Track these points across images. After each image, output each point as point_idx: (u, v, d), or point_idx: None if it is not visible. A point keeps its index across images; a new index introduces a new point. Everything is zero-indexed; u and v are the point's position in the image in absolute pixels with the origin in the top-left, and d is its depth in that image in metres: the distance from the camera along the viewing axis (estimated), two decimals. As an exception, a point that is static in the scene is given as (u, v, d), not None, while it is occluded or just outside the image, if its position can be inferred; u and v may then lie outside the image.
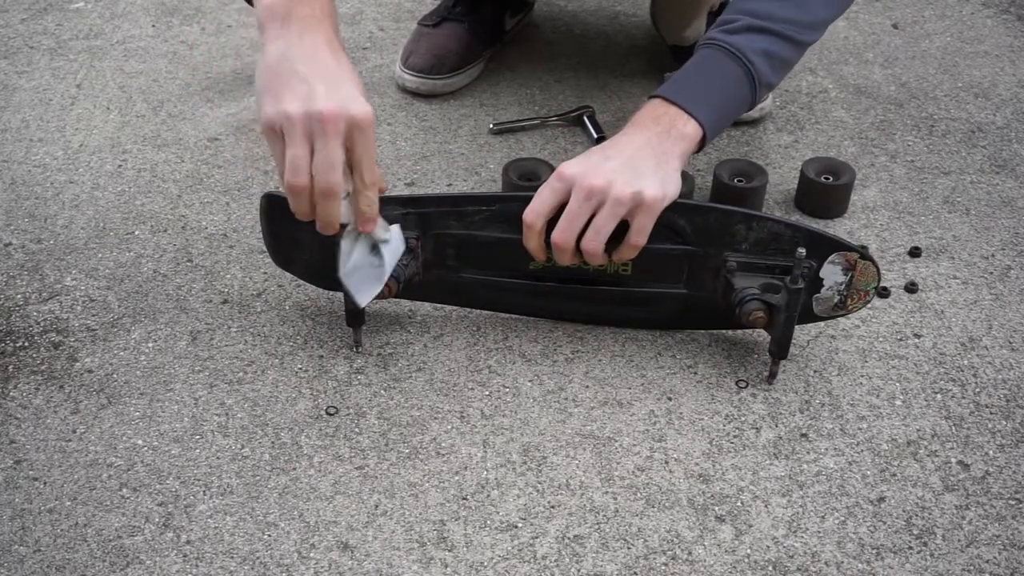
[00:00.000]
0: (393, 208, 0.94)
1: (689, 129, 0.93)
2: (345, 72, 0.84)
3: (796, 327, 0.93)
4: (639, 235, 0.90)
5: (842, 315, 0.96)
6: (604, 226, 0.89)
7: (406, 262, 0.94)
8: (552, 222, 0.91)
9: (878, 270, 0.93)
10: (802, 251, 0.87)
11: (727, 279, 0.94)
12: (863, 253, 0.92)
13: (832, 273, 0.93)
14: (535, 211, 0.91)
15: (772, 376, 0.96)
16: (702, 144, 0.95)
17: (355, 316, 0.96)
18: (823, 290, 0.94)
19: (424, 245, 0.96)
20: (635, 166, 0.90)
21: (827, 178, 1.16)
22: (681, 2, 1.35)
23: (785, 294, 0.90)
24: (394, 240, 0.89)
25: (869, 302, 0.95)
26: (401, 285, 0.94)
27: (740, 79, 0.96)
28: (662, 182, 0.90)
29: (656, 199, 0.89)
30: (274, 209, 0.96)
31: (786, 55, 0.99)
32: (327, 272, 0.98)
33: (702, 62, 0.98)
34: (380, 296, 0.93)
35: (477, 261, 0.98)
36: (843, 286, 0.94)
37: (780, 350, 0.93)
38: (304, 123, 0.80)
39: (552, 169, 1.10)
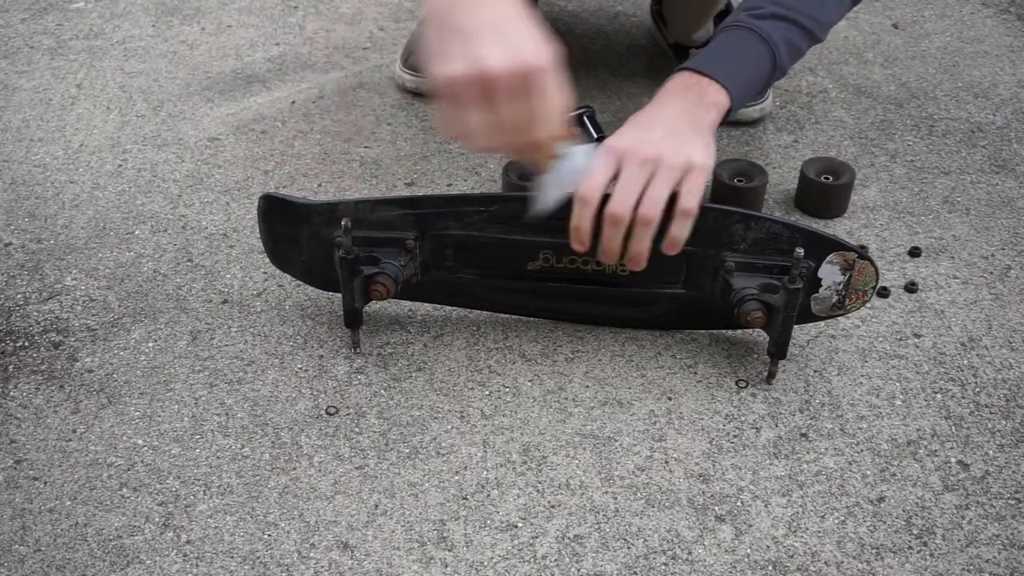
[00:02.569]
0: (391, 209, 0.94)
1: (720, 98, 0.95)
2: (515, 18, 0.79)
3: (795, 327, 0.93)
4: (691, 198, 0.89)
5: (840, 315, 0.96)
6: (660, 192, 0.88)
7: (404, 263, 0.94)
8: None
9: (876, 270, 0.93)
10: (800, 251, 0.87)
11: (725, 279, 0.94)
12: (861, 253, 0.92)
13: (830, 273, 0.93)
14: (592, 186, 0.88)
15: (771, 376, 0.96)
16: (726, 116, 0.97)
17: (353, 317, 0.96)
18: (821, 290, 0.94)
19: (422, 246, 0.96)
20: (678, 133, 0.91)
21: (827, 178, 1.16)
22: (696, 2, 1.35)
23: (783, 294, 0.90)
24: (579, 155, 0.89)
25: (867, 302, 0.95)
26: (399, 286, 0.94)
27: (763, 61, 0.99)
28: (705, 147, 0.91)
29: (706, 164, 0.90)
30: (271, 210, 0.97)
31: (801, 47, 1.02)
32: (325, 273, 0.98)
33: (729, 40, 1.00)
34: (378, 296, 0.93)
35: (476, 261, 0.98)
36: (841, 286, 0.94)
37: (779, 350, 0.93)
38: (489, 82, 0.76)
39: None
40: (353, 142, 1.30)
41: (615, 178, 0.89)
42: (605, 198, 0.88)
